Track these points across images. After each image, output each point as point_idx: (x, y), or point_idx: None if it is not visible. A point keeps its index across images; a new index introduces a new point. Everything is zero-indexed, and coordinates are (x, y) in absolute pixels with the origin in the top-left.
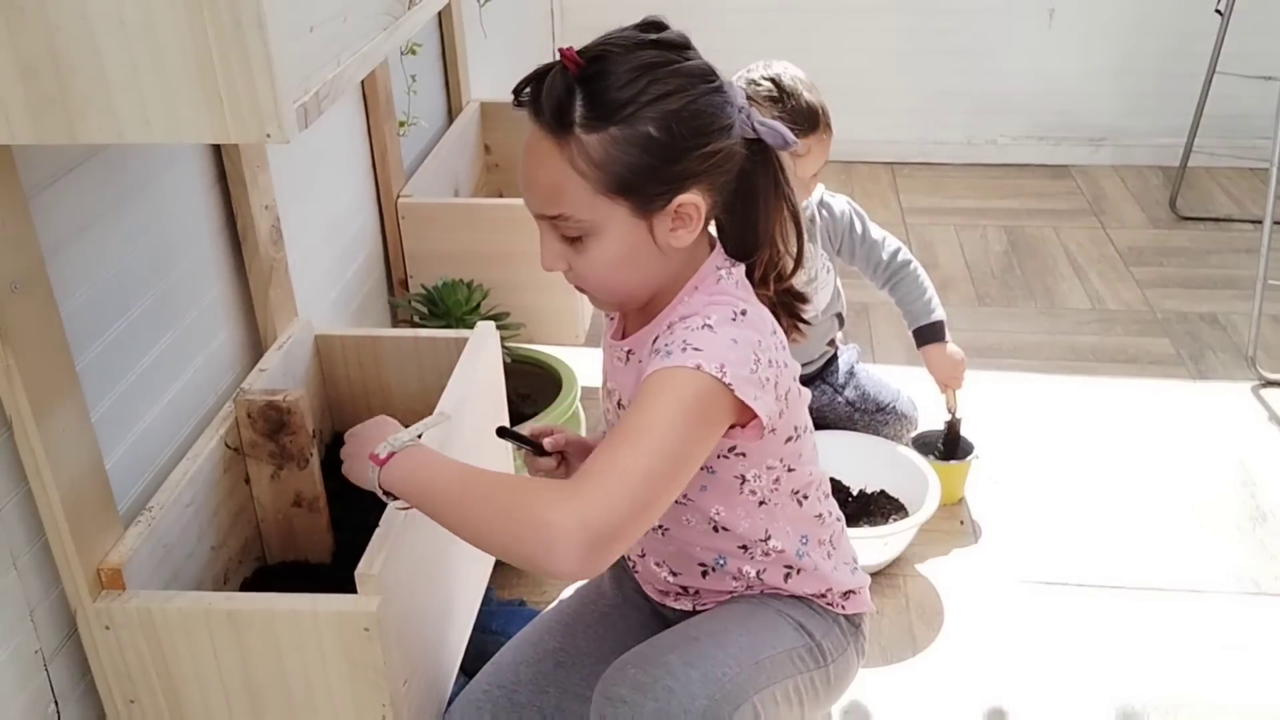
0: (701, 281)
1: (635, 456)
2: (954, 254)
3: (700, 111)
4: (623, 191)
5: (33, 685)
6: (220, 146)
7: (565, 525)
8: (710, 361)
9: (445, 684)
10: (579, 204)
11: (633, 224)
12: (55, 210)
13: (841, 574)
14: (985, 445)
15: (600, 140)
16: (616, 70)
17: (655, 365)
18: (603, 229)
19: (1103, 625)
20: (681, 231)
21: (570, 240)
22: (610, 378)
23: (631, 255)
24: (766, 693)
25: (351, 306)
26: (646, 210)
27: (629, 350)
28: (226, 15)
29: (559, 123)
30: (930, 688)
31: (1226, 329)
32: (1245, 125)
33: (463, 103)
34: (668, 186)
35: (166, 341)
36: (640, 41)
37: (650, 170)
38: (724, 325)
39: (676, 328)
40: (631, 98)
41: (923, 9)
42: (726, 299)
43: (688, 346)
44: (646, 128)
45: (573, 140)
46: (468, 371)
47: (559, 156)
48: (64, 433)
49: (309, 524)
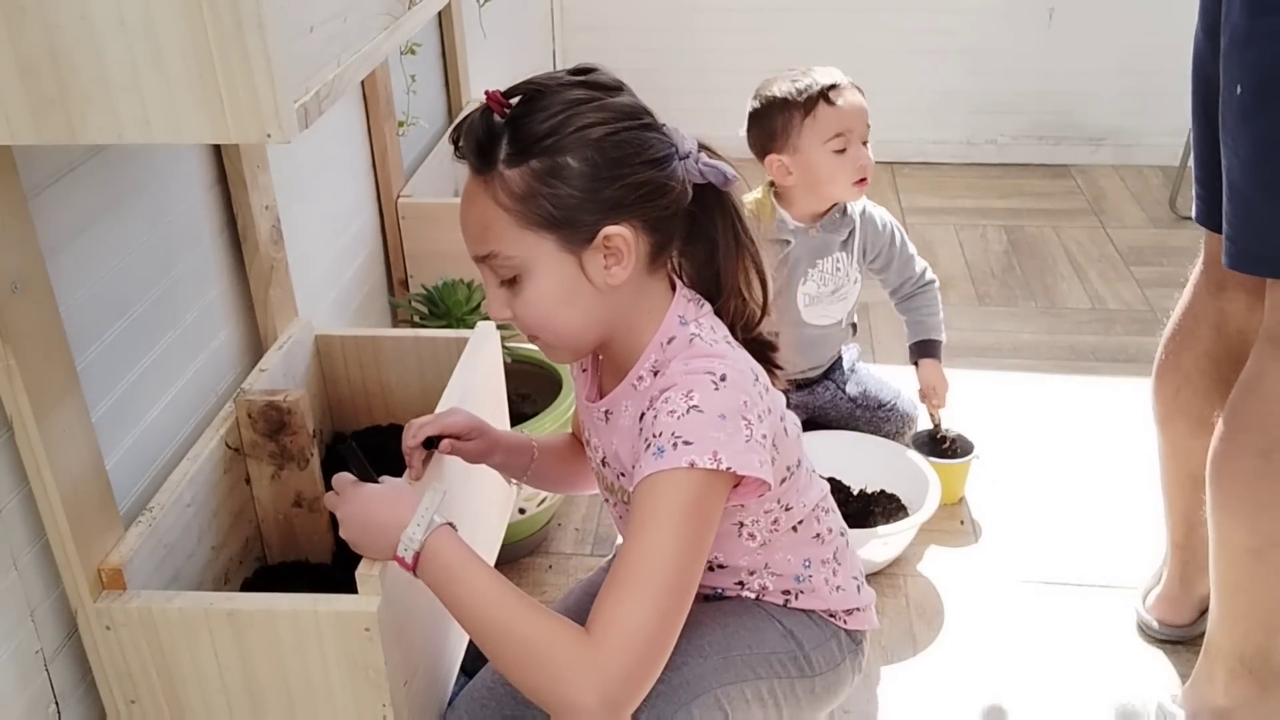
0: (668, 337)
1: (645, 604)
2: (954, 254)
3: (623, 142)
4: (547, 225)
5: (33, 685)
6: (220, 146)
7: (588, 705)
8: (703, 455)
9: (445, 684)
10: (506, 240)
11: (561, 259)
12: (55, 210)
13: (845, 593)
14: (985, 445)
15: (521, 174)
16: (540, 107)
17: (648, 466)
18: (533, 266)
19: (1103, 625)
20: (615, 268)
21: (507, 284)
22: (592, 434)
23: (568, 294)
24: (735, 689)
25: (351, 306)
26: (573, 243)
27: (606, 411)
28: (226, 15)
29: (483, 162)
30: (930, 688)
31: None
32: None
33: (463, 103)
34: (591, 218)
35: (166, 341)
36: (567, 82)
37: (572, 201)
38: (708, 399)
39: (659, 405)
40: (552, 129)
41: (923, 9)
42: (702, 362)
43: (678, 441)
44: (565, 158)
45: (495, 177)
46: (468, 371)
47: (484, 194)
48: (64, 433)
49: (309, 524)
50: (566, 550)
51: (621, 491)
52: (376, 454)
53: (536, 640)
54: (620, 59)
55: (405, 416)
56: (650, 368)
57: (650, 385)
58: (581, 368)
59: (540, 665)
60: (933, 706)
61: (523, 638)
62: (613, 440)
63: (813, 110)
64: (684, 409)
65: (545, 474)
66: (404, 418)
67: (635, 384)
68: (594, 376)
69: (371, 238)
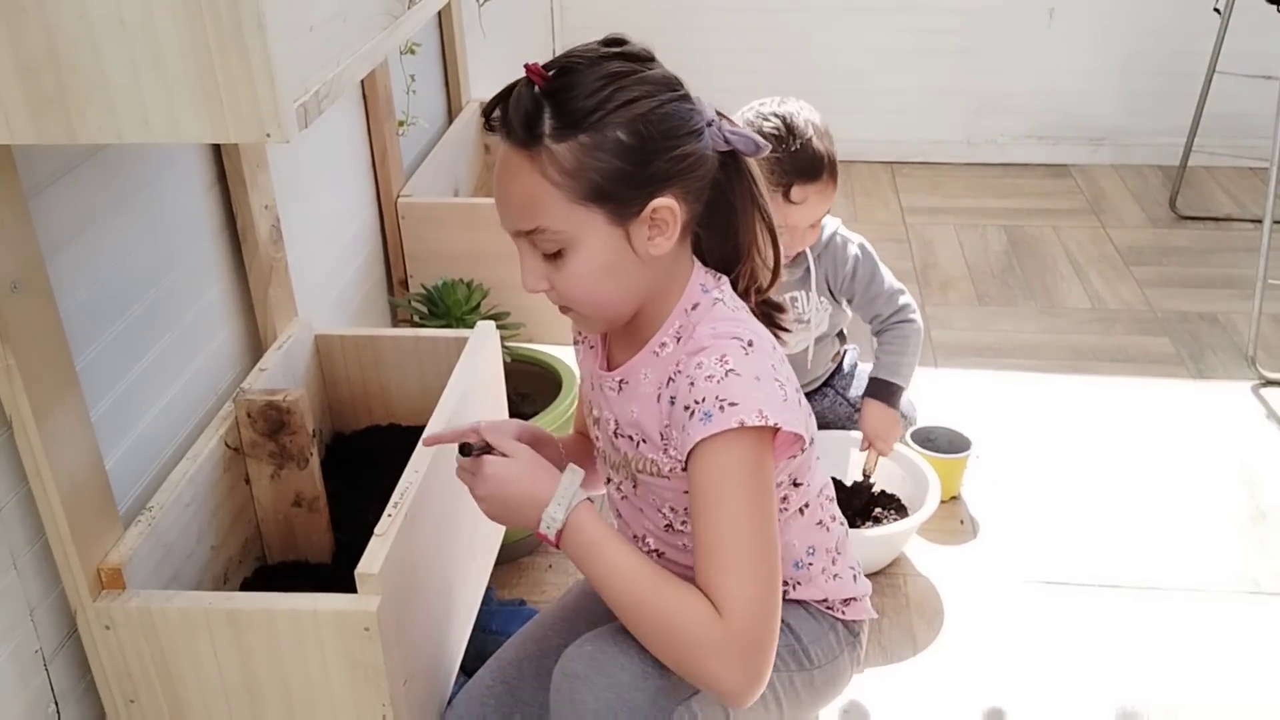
0: (692, 303)
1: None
2: (954, 253)
3: (668, 115)
4: (597, 198)
5: (33, 685)
6: (220, 146)
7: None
8: (750, 413)
9: (445, 684)
10: (555, 215)
11: (610, 232)
12: (55, 210)
13: (842, 582)
14: (985, 445)
15: (570, 148)
16: (582, 81)
17: (698, 432)
18: (580, 240)
19: (1103, 625)
20: (659, 239)
21: (550, 257)
22: (599, 408)
23: (612, 266)
24: None
25: (351, 306)
26: (622, 216)
27: (621, 380)
28: (226, 15)
29: (529, 135)
30: (930, 688)
31: (1226, 328)
32: (1245, 125)
33: (462, 102)
34: (641, 190)
35: (166, 341)
36: (604, 54)
37: (622, 175)
38: (742, 363)
39: (694, 371)
40: (598, 104)
41: (923, 9)
42: (728, 327)
43: (723, 403)
44: (615, 132)
45: (543, 151)
46: (468, 371)
47: (531, 169)
48: (64, 433)
49: (309, 524)
50: None
51: (639, 460)
52: (376, 454)
53: (674, 618)
54: None
55: (405, 416)
56: (674, 334)
57: (673, 351)
58: (589, 344)
59: (680, 642)
60: (933, 706)
61: (661, 614)
62: (631, 408)
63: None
64: (721, 373)
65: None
66: (404, 418)
67: (657, 350)
68: (602, 348)
69: (371, 238)
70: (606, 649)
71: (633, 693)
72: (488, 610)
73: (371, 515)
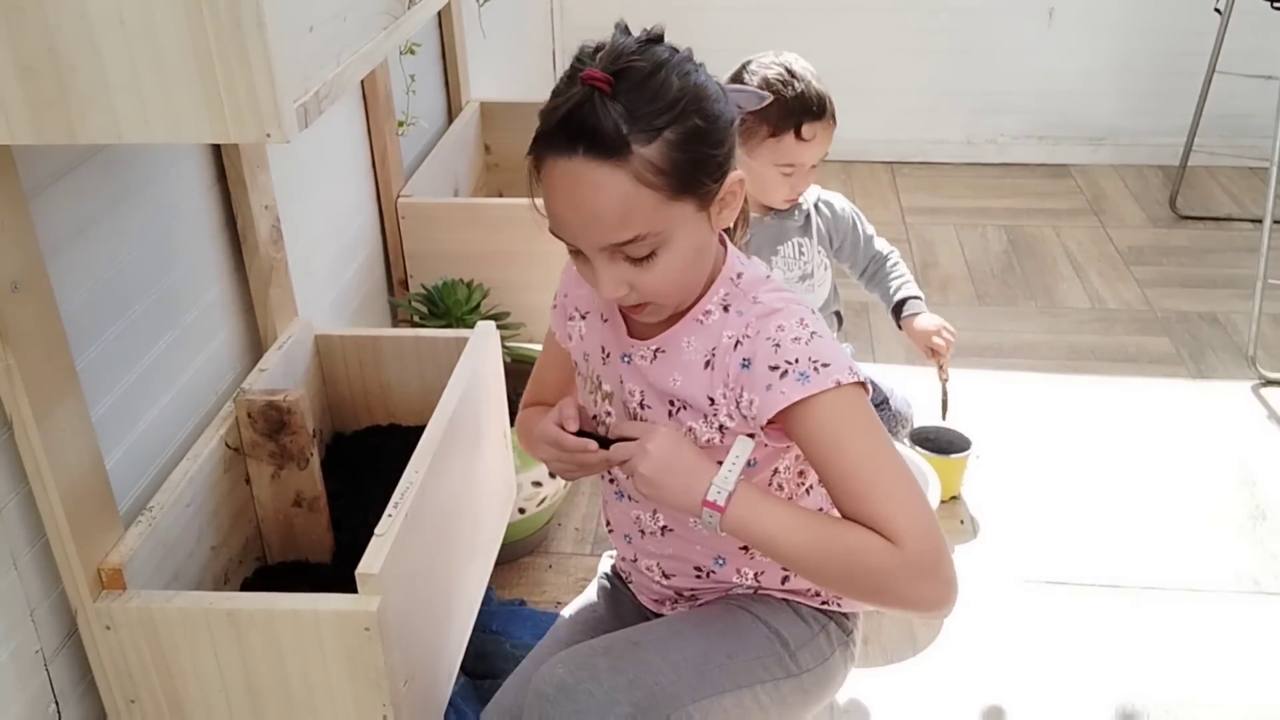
0: (736, 273)
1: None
2: (954, 253)
3: (716, 90)
4: (688, 190)
5: (33, 685)
6: (220, 146)
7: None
8: (843, 371)
9: (445, 684)
10: (653, 218)
11: (697, 218)
12: (55, 210)
13: None
14: (986, 444)
15: (660, 148)
16: (648, 78)
17: (796, 392)
18: (674, 235)
19: (1103, 625)
20: (727, 211)
21: (637, 260)
22: (611, 382)
23: (698, 250)
24: (712, 702)
25: (351, 306)
26: (707, 200)
27: (658, 349)
28: (226, 15)
29: (616, 143)
30: (930, 688)
31: (1226, 328)
32: (1245, 124)
33: (462, 103)
34: (721, 169)
35: (166, 341)
36: (641, 44)
37: (708, 161)
38: (819, 325)
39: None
40: (674, 98)
41: (923, 9)
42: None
43: (817, 364)
44: (693, 121)
45: (633, 157)
46: (468, 371)
47: (623, 177)
48: (64, 433)
49: (309, 524)
50: (566, 550)
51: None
52: (376, 454)
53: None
54: None
55: (405, 416)
56: (719, 302)
57: (721, 319)
58: (602, 317)
59: (870, 577)
60: (933, 706)
61: (843, 557)
62: (672, 376)
63: (781, 136)
64: (806, 335)
65: None
66: (404, 418)
67: (701, 319)
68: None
69: (371, 238)
70: (577, 674)
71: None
72: (488, 610)
73: (371, 515)
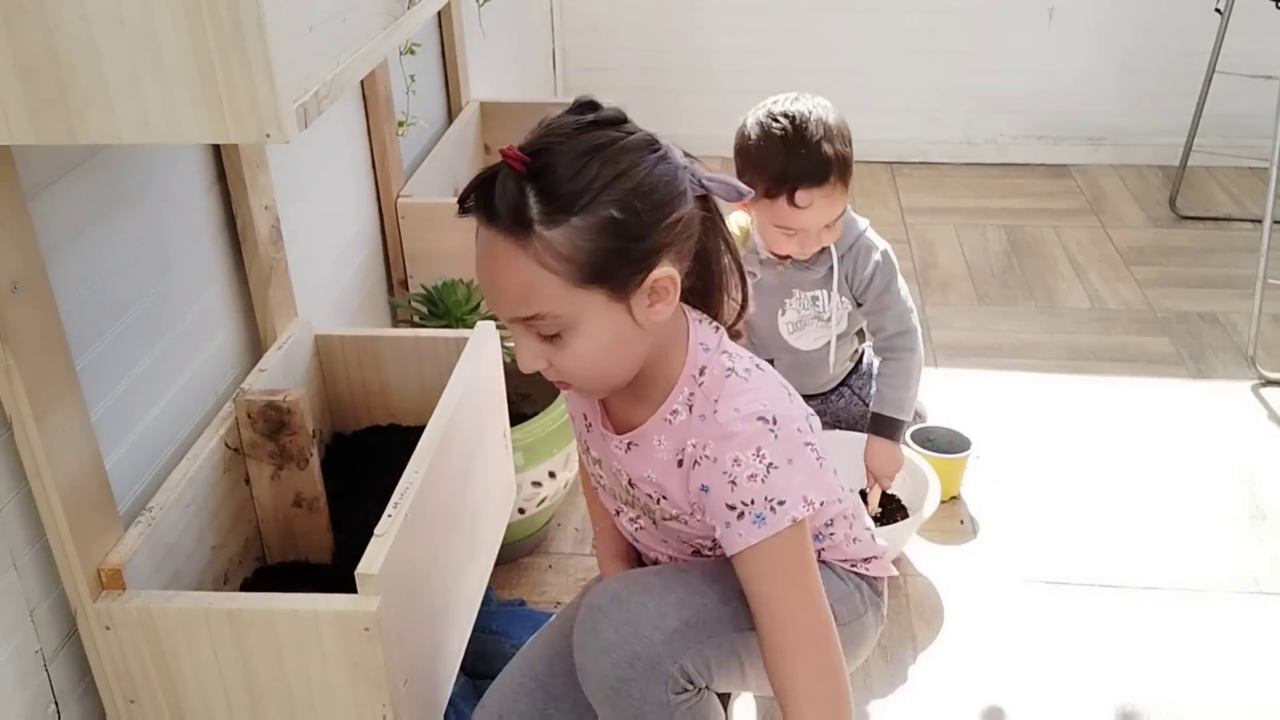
0: (698, 368)
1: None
2: (954, 253)
3: (655, 183)
4: (596, 279)
5: (33, 685)
6: (220, 146)
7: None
8: (798, 506)
9: (445, 684)
10: (554, 300)
11: (611, 309)
12: (55, 210)
13: (861, 544)
14: (985, 444)
15: (564, 233)
16: (563, 160)
17: (753, 535)
18: (581, 320)
19: (1103, 625)
20: (659, 306)
21: (548, 338)
22: (599, 451)
23: (615, 340)
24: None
25: (351, 306)
26: (623, 292)
27: (631, 443)
28: (226, 15)
29: (517, 223)
30: (930, 688)
31: (1226, 328)
32: (1245, 124)
33: (462, 103)
34: (640, 264)
35: (166, 341)
36: (579, 125)
37: (620, 253)
38: (776, 450)
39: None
40: (587, 184)
41: (923, 9)
42: (749, 406)
43: (773, 504)
44: (608, 211)
45: (534, 239)
46: (468, 371)
47: (524, 257)
48: (64, 433)
49: (309, 524)
50: (566, 550)
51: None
52: (376, 454)
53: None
54: (620, 59)
55: (405, 416)
56: (685, 401)
57: (688, 420)
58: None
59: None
60: (933, 706)
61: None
62: (647, 471)
63: (775, 198)
64: (763, 470)
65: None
66: (404, 418)
67: (669, 419)
68: (600, 407)
69: (371, 238)
70: (630, 587)
71: (649, 630)
72: (488, 610)
73: (371, 515)
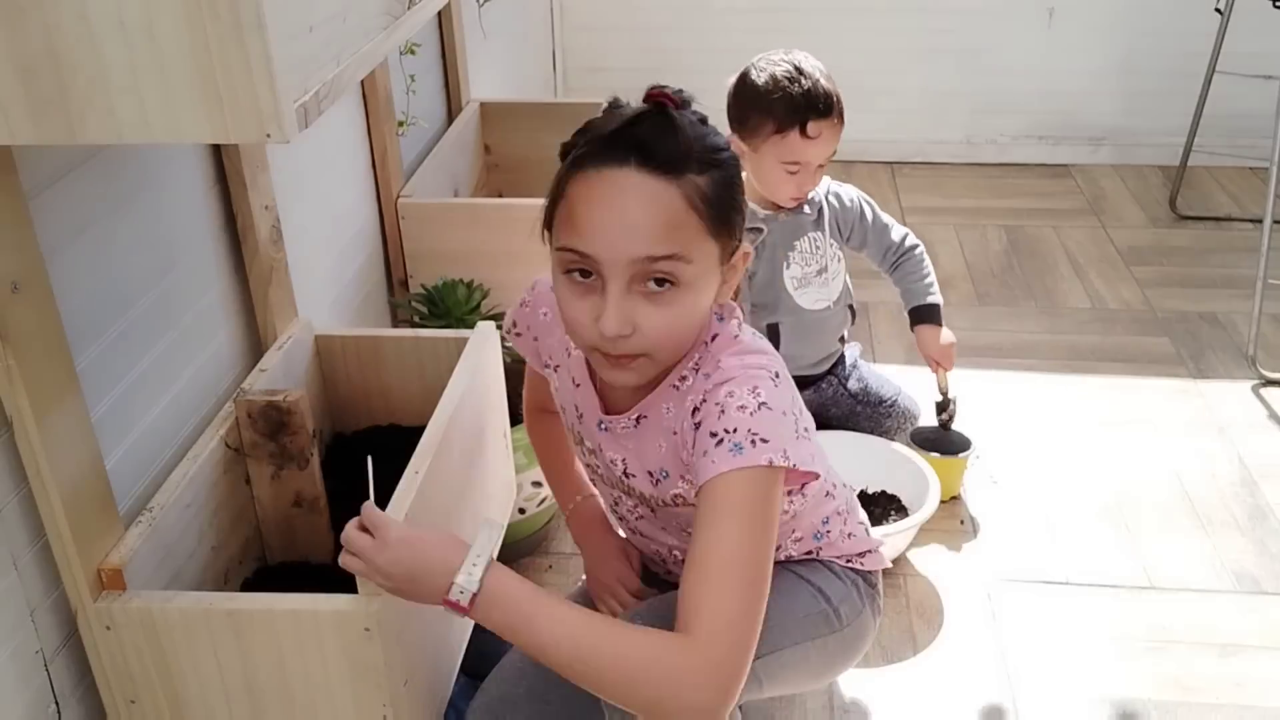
0: (710, 335)
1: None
2: (954, 253)
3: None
4: (721, 232)
5: (33, 685)
6: (220, 146)
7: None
8: (777, 452)
9: (445, 684)
10: (691, 242)
11: (715, 273)
12: (55, 210)
13: (856, 539)
14: (985, 444)
15: (709, 180)
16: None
17: (726, 463)
18: (699, 276)
19: (1102, 625)
20: (733, 277)
21: (650, 295)
22: (592, 440)
23: (701, 309)
24: (772, 659)
25: (351, 306)
26: (728, 254)
27: (639, 416)
28: (226, 15)
29: (673, 161)
30: (930, 687)
31: (1226, 328)
32: (1245, 125)
33: (462, 103)
34: (739, 231)
35: (166, 341)
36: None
37: (737, 214)
38: (773, 396)
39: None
40: (719, 144)
41: (923, 9)
42: (755, 358)
43: (755, 438)
44: (731, 170)
45: (686, 179)
46: (468, 371)
47: (675, 194)
48: (64, 433)
49: (309, 524)
50: (566, 550)
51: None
52: (376, 454)
53: (634, 654)
54: (620, 59)
55: (405, 416)
56: (694, 365)
57: (694, 383)
58: (574, 383)
59: (648, 677)
60: (933, 706)
61: (620, 655)
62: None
63: (785, 133)
64: (755, 405)
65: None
66: (404, 418)
67: (677, 384)
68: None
69: (371, 238)
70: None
71: None
72: None
73: None
